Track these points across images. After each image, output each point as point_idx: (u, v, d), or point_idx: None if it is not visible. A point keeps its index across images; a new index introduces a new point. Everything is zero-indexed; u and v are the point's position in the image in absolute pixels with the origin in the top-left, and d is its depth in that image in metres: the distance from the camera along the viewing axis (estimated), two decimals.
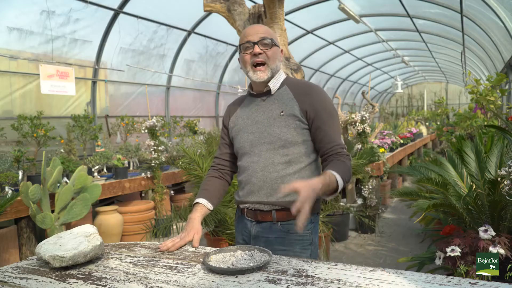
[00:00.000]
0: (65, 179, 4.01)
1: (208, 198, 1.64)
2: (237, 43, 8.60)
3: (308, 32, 8.45)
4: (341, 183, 1.41)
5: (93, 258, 1.34)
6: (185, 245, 1.48)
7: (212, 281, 1.12)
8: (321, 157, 1.59)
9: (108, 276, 1.20)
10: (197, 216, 1.57)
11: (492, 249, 1.94)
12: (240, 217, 1.69)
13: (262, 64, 1.54)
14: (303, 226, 1.18)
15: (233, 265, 1.22)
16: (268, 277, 1.13)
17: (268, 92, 1.60)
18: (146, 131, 5.07)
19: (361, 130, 5.09)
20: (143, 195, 5.28)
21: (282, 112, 1.54)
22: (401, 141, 7.61)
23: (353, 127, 5.18)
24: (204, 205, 1.62)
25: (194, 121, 6.92)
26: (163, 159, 5.01)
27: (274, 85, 1.59)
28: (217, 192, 1.69)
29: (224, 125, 1.76)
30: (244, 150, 1.61)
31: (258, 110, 1.61)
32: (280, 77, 1.62)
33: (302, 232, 1.54)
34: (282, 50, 1.63)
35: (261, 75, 1.54)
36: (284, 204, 1.52)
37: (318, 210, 1.62)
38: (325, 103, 1.55)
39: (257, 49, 1.52)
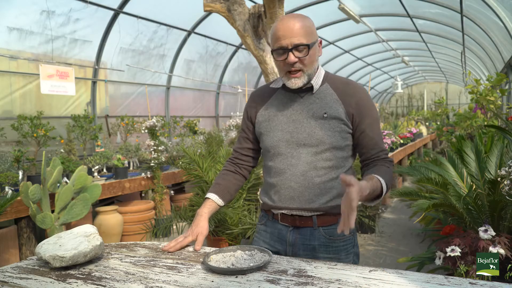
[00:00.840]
0: (65, 179, 4.01)
1: (220, 193, 1.55)
2: (237, 43, 8.61)
3: None
4: (385, 190, 1.34)
5: (93, 258, 1.34)
6: (187, 246, 1.46)
7: (212, 281, 1.12)
8: (364, 161, 1.50)
9: (108, 276, 1.20)
10: (204, 213, 1.49)
11: (492, 249, 1.94)
12: (270, 222, 1.55)
13: (298, 70, 1.39)
14: (351, 227, 1.10)
15: (233, 265, 1.21)
16: (268, 277, 1.13)
17: (308, 89, 1.46)
18: (146, 131, 5.07)
19: None
20: (143, 195, 5.28)
21: (325, 113, 1.41)
22: (401, 141, 7.61)
23: None
24: (214, 201, 1.53)
25: (194, 121, 6.92)
26: (163, 159, 5.01)
27: (316, 82, 1.45)
28: (231, 188, 1.59)
29: (249, 117, 1.58)
30: (278, 150, 1.47)
31: (295, 108, 1.46)
32: (321, 73, 1.48)
33: (346, 236, 1.47)
34: (320, 41, 1.46)
35: (296, 82, 1.40)
36: (326, 209, 1.44)
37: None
38: (370, 106, 1.45)
39: (291, 57, 1.36)
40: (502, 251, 1.94)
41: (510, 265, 1.84)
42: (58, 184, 3.52)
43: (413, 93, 19.40)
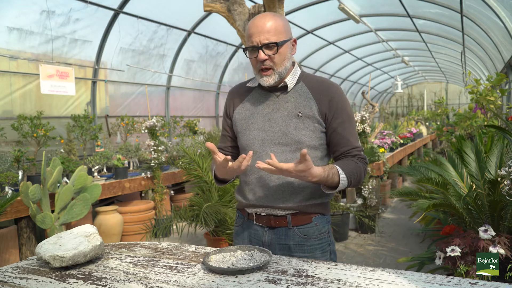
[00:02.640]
0: (65, 179, 4.01)
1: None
2: (237, 43, 8.59)
3: (308, 32, 8.45)
4: (344, 181, 1.35)
5: (93, 258, 1.34)
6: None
7: (212, 281, 1.12)
8: (335, 158, 1.50)
9: (108, 276, 1.20)
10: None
11: (492, 249, 1.94)
12: (246, 223, 1.56)
13: (268, 68, 1.42)
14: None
15: (233, 265, 1.21)
16: (268, 277, 1.13)
17: (283, 88, 1.48)
18: (146, 131, 5.07)
19: (361, 130, 5.09)
20: (143, 195, 5.28)
21: (300, 112, 1.43)
22: (401, 141, 7.61)
23: None
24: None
25: (194, 121, 6.92)
26: (163, 159, 5.01)
27: (291, 81, 1.47)
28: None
29: (227, 115, 1.59)
30: (253, 149, 1.47)
31: (271, 106, 1.48)
32: (296, 72, 1.50)
33: (320, 234, 1.49)
34: (295, 41, 1.48)
35: (267, 80, 1.42)
36: (300, 208, 1.45)
37: (330, 211, 1.58)
38: (344, 105, 1.46)
39: (261, 55, 1.39)
40: (502, 251, 1.94)
41: (510, 265, 1.84)
42: (58, 184, 3.52)
43: (413, 93, 19.40)
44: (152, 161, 4.92)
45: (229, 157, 1.31)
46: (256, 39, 1.38)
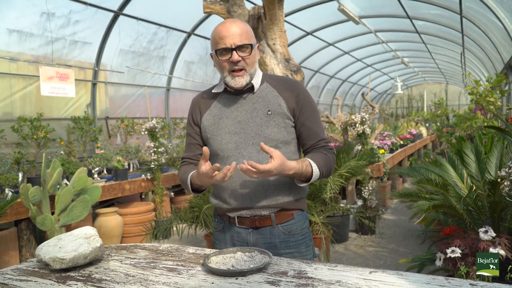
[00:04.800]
0: (65, 181, 4.01)
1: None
2: None
3: (308, 33, 8.46)
4: (316, 173, 1.42)
5: (93, 260, 1.34)
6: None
7: (212, 283, 1.12)
8: (305, 151, 1.56)
9: (108, 278, 1.20)
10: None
11: (493, 250, 1.94)
12: (227, 226, 1.56)
13: (241, 69, 1.45)
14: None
15: (233, 266, 1.21)
16: (268, 278, 1.13)
17: (249, 90, 1.52)
18: (146, 132, 5.07)
19: (361, 131, 5.09)
20: (143, 196, 5.28)
21: (269, 111, 1.48)
22: (401, 142, 7.61)
23: (353, 129, 5.18)
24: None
25: None
26: (163, 160, 5.01)
27: (256, 82, 1.51)
28: None
29: (194, 122, 1.60)
30: (227, 153, 1.49)
31: (239, 109, 1.51)
32: (259, 74, 1.54)
33: (302, 229, 1.55)
34: (258, 45, 1.54)
35: (240, 80, 1.45)
36: (283, 205, 1.50)
37: (307, 207, 1.64)
38: (309, 99, 1.54)
39: (235, 56, 1.42)
40: (502, 252, 1.94)
41: (510, 266, 1.84)
42: (58, 186, 3.52)
43: (413, 94, 19.41)
44: (152, 163, 4.92)
45: (217, 165, 1.31)
46: (230, 41, 1.41)
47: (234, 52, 1.42)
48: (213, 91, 1.60)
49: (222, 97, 1.56)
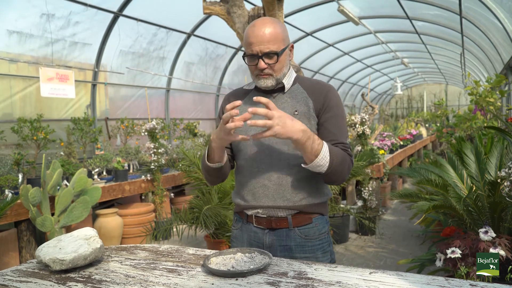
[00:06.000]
0: (65, 181, 4.01)
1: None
2: (236, 46, 8.58)
3: (308, 34, 8.46)
4: (325, 153, 1.33)
5: (93, 261, 1.34)
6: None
7: (212, 284, 1.12)
8: None
9: (108, 279, 1.20)
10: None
11: (493, 250, 1.94)
12: (245, 225, 1.56)
13: (267, 74, 1.45)
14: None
15: (233, 267, 1.21)
16: (269, 279, 1.13)
17: (280, 89, 1.52)
18: (146, 133, 5.07)
19: (361, 132, 5.10)
20: (143, 197, 5.28)
21: (296, 111, 1.46)
22: (401, 143, 7.61)
23: (353, 129, 5.18)
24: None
25: (194, 123, 6.92)
26: (163, 161, 5.01)
27: (287, 82, 1.51)
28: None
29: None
30: (251, 149, 1.50)
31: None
32: (292, 74, 1.54)
33: (320, 234, 1.50)
34: (292, 46, 1.51)
35: (266, 82, 1.45)
36: (301, 207, 1.46)
37: (328, 211, 1.58)
38: (336, 103, 1.48)
39: (262, 64, 1.41)
40: (502, 252, 1.94)
41: (510, 266, 1.84)
42: (58, 187, 3.52)
43: (412, 94, 19.42)
44: (152, 164, 4.92)
45: (239, 102, 1.29)
46: (256, 48, 1.40)
47: (260, 60, 1.41)
48: (244, 87, 1.61)
49: (253, 94, 1.56)
